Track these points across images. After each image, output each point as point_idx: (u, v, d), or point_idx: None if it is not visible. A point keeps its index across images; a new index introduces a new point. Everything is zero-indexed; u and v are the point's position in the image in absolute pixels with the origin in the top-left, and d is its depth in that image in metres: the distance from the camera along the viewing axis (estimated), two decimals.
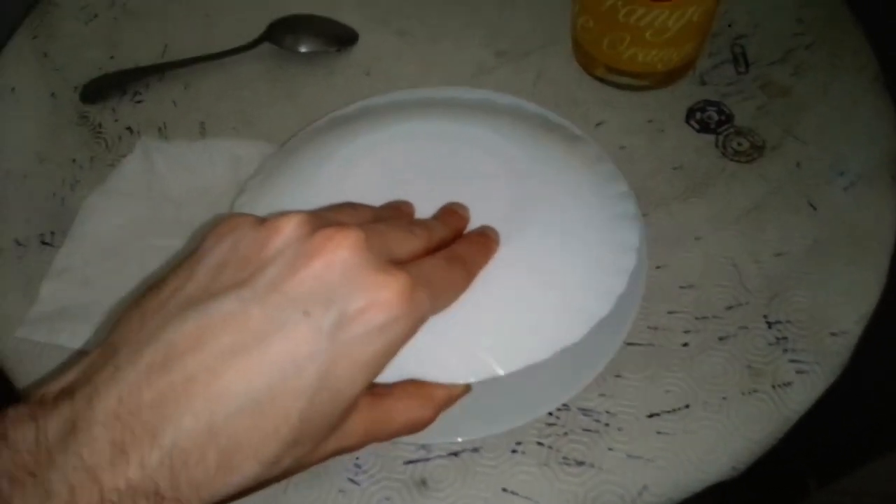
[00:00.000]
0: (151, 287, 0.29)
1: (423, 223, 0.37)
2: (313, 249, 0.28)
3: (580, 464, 0.43)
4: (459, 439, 0.43)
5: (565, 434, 0.44)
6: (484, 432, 0.43)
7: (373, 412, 0.32)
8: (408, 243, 0.33)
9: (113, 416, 0.24)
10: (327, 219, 0.30)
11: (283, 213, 0.30)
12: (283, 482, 0.43)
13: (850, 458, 0.82)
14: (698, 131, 0.56)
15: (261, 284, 0.27)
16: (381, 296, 0.28)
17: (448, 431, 0.43)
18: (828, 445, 0.85)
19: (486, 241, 0.39)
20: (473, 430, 0.43)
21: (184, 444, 0.24)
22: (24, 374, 0.49)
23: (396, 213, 0.40)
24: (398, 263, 0.30)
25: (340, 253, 0.28)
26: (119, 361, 0.25)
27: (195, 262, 0.29)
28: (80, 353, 0.48)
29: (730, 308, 0.48)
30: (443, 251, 0.35)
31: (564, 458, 0.43)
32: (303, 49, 0.62)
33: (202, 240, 0.30)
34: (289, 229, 0.29)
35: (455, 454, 0.44)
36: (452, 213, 0.40)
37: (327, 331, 0.26)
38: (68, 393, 0.25)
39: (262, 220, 0.30)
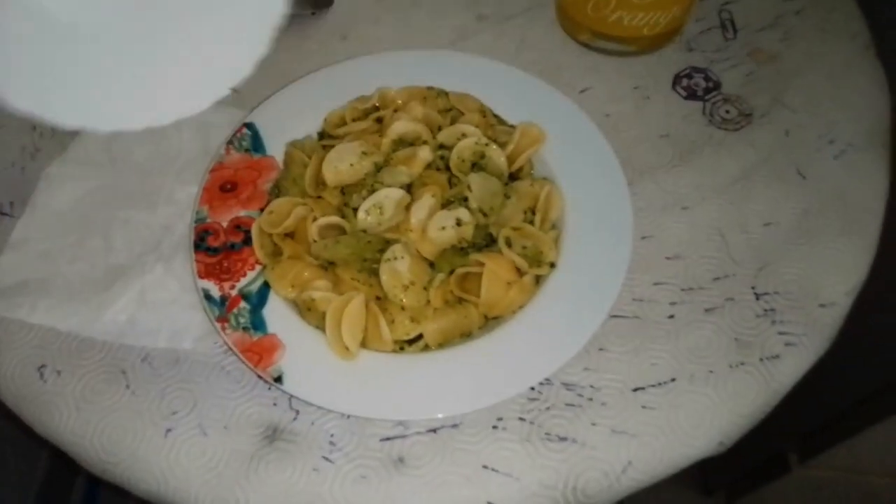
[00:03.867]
0: None
1: None
2: None
3: (563, 439, 0.42)
4: (439, 415, 0.41)
5: (548, 409, 0.43)
6: (464, 408, 0.41)
7: None
8: None
9: None
10: None
11: None
12: (256, 461, 0.41)
13: (833, 434, 0.81)
14: (685, 98, 0.54)
15: None
16: None
17: (427, 407, 0.41)
18: (810, 420, 0.85)
19: None
20: (453, 406, 0.41)
21: None
22: None
23: None
24: None
25: None
26: None
27: None
28: None
29: (717, 279, 0.46)
30: None
31: (547, 433, 0.42)
32: None
33: None
34: None
35: (434, 430, 0.42)
36: None
37: None
38: None
39: None
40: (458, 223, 0.44)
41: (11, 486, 0.92)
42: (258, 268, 0.45)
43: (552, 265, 0.44)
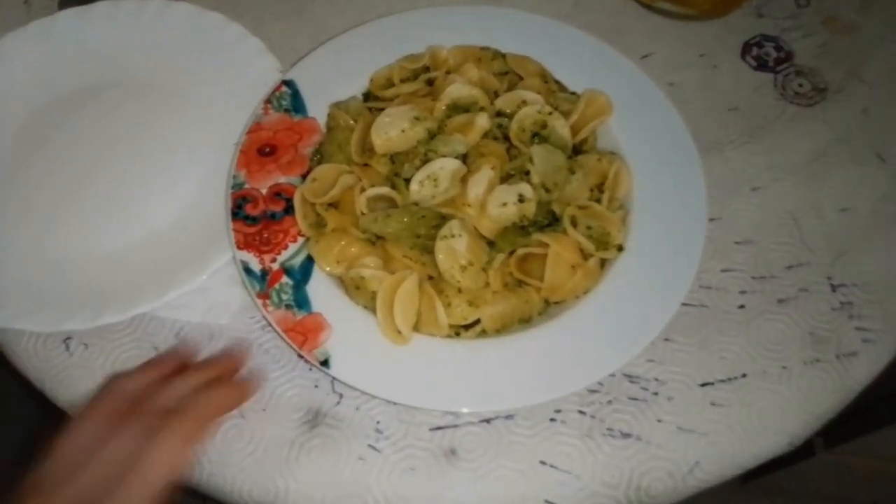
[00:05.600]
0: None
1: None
2: None
3: (626, 436, 0.39)
4: (496, 407, 0.38)
5: (609, 403, 0.40)
6: (523, 401, 0.38)
7: None
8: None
9: None
10: None
11: None
12: (297, 447, 0.39)
13: (863, 421, 0.79)
14: (755, 69, 0.51)
15: None
16: None
17: (483, 399, 0.38)
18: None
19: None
20: (511, 399, 0.38)
21: None
22: None
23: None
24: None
25: None
26: None
27: None
28: None
29: (790, 268, 0.43)
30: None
31: (609, 429, 0.39)
32: None
33: None
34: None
35: (487, 421, 0.39)
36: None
37: None
38: None
39: None
40: (521, 199, 0.40)
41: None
42: (301, 240, 0.42)
43: (620, 248, 0.41)
